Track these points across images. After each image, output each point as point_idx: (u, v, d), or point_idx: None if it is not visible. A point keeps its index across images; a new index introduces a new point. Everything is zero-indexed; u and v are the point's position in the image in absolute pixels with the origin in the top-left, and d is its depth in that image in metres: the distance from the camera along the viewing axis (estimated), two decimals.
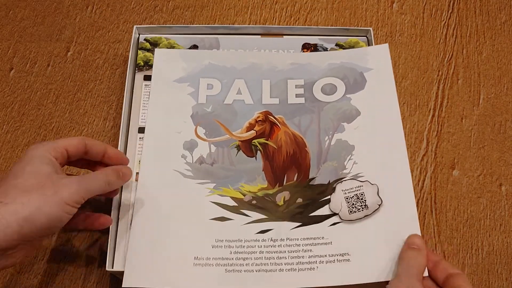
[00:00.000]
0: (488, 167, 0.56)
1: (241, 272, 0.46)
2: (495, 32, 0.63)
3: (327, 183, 0.50)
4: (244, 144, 0.53)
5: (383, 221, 0.48)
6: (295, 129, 0.54)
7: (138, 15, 0.65)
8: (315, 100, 0.55)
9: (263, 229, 0.48)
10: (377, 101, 0.54)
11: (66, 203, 0.39)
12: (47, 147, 0.43)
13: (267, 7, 0.65)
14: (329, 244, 0.47)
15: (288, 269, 0.46)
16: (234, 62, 0.58)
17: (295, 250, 0.47)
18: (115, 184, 0.45)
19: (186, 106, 0.55)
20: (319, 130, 0.54)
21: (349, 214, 0.48)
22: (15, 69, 0.61)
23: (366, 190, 0.49)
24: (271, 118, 0.55)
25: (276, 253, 0.47)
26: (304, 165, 0.52)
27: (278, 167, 0.52)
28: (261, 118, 0.54)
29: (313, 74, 0.57)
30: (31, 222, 0.38)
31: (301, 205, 0.50)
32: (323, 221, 0.48)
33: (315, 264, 0.46)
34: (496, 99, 0.59)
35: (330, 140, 0.53)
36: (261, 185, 0.51)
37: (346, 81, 0.56)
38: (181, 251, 0.47)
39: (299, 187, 0.51)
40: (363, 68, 0.56)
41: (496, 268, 0.51)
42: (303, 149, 0.53)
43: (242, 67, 0.57)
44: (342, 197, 0.49)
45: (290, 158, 0.52)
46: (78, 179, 0.42)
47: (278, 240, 0.48)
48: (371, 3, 0.66)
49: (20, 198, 0.38)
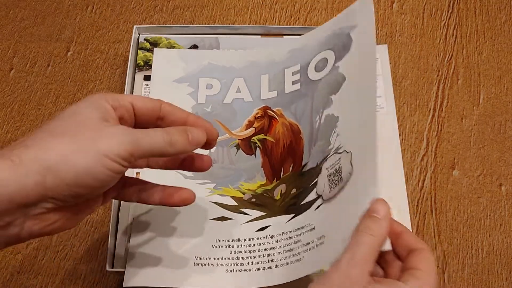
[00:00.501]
0: (488, 167, 0.56)
1: (241, 271, 0.46)
2: (495, 32, 0.63)
3: (315, 166, 0.47)
4: (243, 142, 0.53)
5: (353, 192, 0.41)
6: (292, 117, 0.52)
7: (138, 15, 0.65)
8: (309, 82, 0.53)
9: (262, 226, 0.48)
10: (359, 62, 0.47)
11: (105, 156, 0.31)
12: (108, 95, 0.35)
13: (267, 7, 0.65)
14: (312, 230, 0.43)
15: (282, 264, 0.44)
16: (233, 61, 0.58)
17: (288, 243, 0.45)
18: (179, 146, 0.35)
19: (186, 106, 0.55)
20: (312, 111, 0.50)
21: (329, 192, 0.42)
22: (15, 69, 0.61)
23: (343, 162, 0.42)
24: (270, 112, 0.54)
25: (273, 249, 0.46)
26: (299, 152, 0.50)
27: (276, 161, 0.51)
28: (260, 114, 0.54)
29: (307, 55, 0.54)
30: (55, 173, 0.30)
31: (295, 196, 0.48)
32: (310, 207, 0.45)
33: (302, 254, 0.43)
34: (496, 99, 0.59)
35: (320, 119, 0.49)
36: (260, 182, 0.51)
37: (335, 49, 0.51)
38: (181, 251, 0.47)
39: (294, 177, 0.49)
40: (350, 28, 0.50)
41: (496, 268, 0.51)
42: (297, 136, 0.51)
43: (241, 66, 0.57)
44: (325, 176, 0.44)
45: (287, 149, 0.51)
46: (129, 130, 0.33)
47: (275, 235, 0.46)
48: None
49: (46, 142, 0.30)
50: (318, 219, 0.44)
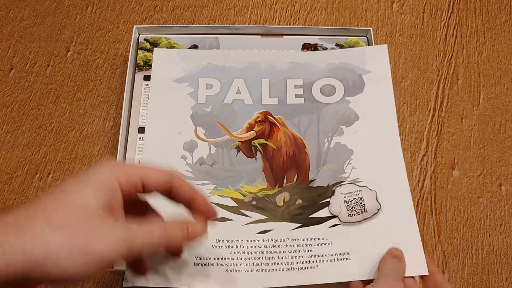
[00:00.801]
0: (488, 167, 0.56)
1: (241, 272, 0.46)
2: (495, 32, 0.63)
3: (326, 185, 0.51)
4: (244, 144, 0.53)
5: (383, 224, 0.48)
6: (295, 129, 0.54)
7: (138, 15, 0.65)
8: (314, 101, 0.55)
9: (264, 229, 0.48)
10: (375, 107, 0.54)
11: (99, 260, 0.31)
12: (120, 168, 0.34)
13: (267, 7, 0.65)
14: (329, 245, 0.47)
15: (288, 268, 0.46)
16: (233, 61, 0.58)
17: (295, 250, 0.47)
18: (175, 240, 0.35)
19: (186, 106, 0.55)
20: (319, 132, 0.54)
21: (348, 217, 0.49)
22: (15, 69, 0.61)
23: (365, 195, 0.50)
24: (271, 118, 0.55)
25: (276, 253, 0.47)
26: (304, 166, 0.52)
27: (278, 168, 0.52)
28: (260, 119, 0.54)
29: (312, 74, 0.57)
30: (41, 268, 0.29)
31: (301, 206, 0.50)
32: (323, 222, 0.49)
33: (315, 263, 0.46)
34: (496, 99, 0.59)
35: (329, 143, 0.53)
36: (261, 186, 0.51)
37: (345, 83, 0.56)
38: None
39: (299, 188, 0.51)
40: (362, 70, 0.56)
41: (496, 268, 0.51)
42: (302, 150, 0.53)
43: (241, 66, 0.57)
44: (341, 200, 0.50)
45: (289, 159, 0.52)
46: (127, 228, 0.33)
47: (279, 240, 0.48)
48: (371, 3, 0.66)
49: (40, 231, 0.29)
50: (336, 236, 0.48)
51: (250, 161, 0.52)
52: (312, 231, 0.48)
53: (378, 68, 0.56)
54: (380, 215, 0.49)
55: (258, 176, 0.51)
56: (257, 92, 0.56)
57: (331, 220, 0.49)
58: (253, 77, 0.57)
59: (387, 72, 0.56)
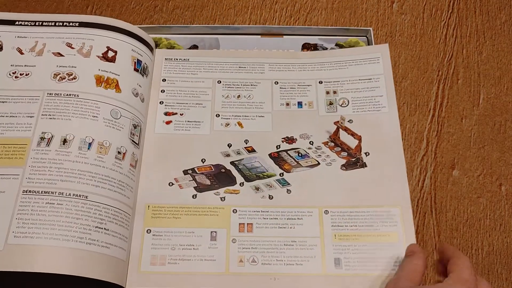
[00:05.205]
0: (488, 167, 0.56)
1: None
2: (495, 32, 0.63)
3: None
4: None
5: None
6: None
7: (138, 15, 0.65)
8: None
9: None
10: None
11: None
12: None
13: (267, 7, 0.65)
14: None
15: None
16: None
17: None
18: None
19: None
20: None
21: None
22: None
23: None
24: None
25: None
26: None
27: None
28: None
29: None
30: None
31: None
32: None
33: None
34: (496, 99, 0.59)
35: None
36: None
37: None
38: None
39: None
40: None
41: (496, 268, 0.51)
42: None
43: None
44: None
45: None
46: None
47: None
48: (371, 3, 0.66)
49: None
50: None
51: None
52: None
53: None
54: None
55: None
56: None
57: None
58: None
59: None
